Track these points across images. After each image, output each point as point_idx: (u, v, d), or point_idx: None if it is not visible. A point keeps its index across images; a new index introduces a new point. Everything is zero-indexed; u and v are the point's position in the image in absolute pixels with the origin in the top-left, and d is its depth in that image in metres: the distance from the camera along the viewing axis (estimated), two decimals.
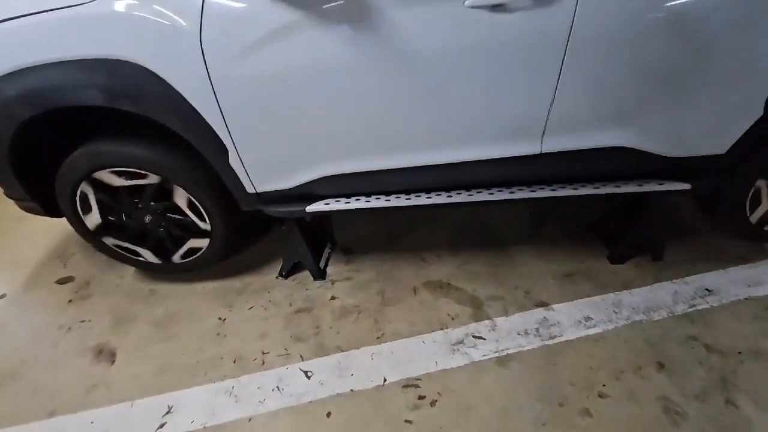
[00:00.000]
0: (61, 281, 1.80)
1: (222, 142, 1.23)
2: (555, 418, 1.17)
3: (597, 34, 1.07)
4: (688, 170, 1.35)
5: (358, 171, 1.34)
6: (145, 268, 1.75)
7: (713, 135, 1.28)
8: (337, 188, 1.39)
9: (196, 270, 1.70)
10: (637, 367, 1.28)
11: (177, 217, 1.50)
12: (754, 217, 1.51)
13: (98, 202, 1.46)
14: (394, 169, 1.33)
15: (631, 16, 1.05)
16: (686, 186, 1.35)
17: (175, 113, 1.17)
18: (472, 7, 1.02)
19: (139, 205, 1.48)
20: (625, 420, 1.15)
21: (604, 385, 1.23)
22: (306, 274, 1.72)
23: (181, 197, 1.42)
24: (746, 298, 1.47)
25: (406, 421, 1.19)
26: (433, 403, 1.23)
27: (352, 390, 1.28)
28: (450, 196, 1.38)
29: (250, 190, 1.37)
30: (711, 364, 1.27)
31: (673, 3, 1.04)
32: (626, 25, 1.06)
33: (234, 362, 1.40)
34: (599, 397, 1.21)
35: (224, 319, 1.56)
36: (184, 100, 1.14)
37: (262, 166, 1.31)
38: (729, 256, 1.65)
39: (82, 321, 1.60)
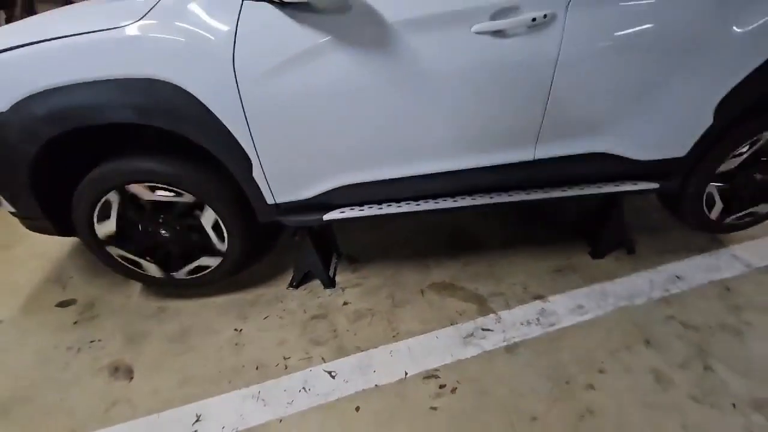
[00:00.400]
0: (63, 304, 1.77)
1: (247, 155, 1.32)
2: (564, 394, 1.30)
3: (581, 55, 1.27)
4: (656, 171, 1.57)
5: (372, 180, 1.46)
6: (147, 283, 1.75)
7: (674, 140, 1.50)
8: (352, 197, 1.50)
9: (203, 286, 1.73)
10: (627, 345, 1.44)
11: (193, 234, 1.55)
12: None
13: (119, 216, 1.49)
14: (406, 177, 1.46)
15: (607, 42, 1.26)
16: (655, 185, 1.57)
17: (204, 128, 1.25)
18: (478, 33, 1.20)
19: (161, 220, 1.52)
20: (624, 390, 1.29)
21: (602, 362, 1.38)
22: (316, 284, 1.79)
23: (208, 218, 1.48)
24: (709, 282, 1.69)
25: (431, 408, 1.28)
26: (453, 391, 1.33)
27: (376, 385, 1.36)
28: (455, 201, 1.52)
29: (270, 201, 1.45)
30: (689, 338, 1.46)
31: (630, 31, 1.26)
32: (603, 49, 1.26)
33: (256, 369, 1.44)
34: (599, 372, 1.35)
35: (240, 330, 1.60)
36: (213, 115, 1.22)
37: (283, 178, 1.40)
38: (690, 246, 1.88)
39: (92, 341, 1.58)
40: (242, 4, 1.16)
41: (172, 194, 1.43)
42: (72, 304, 1.77)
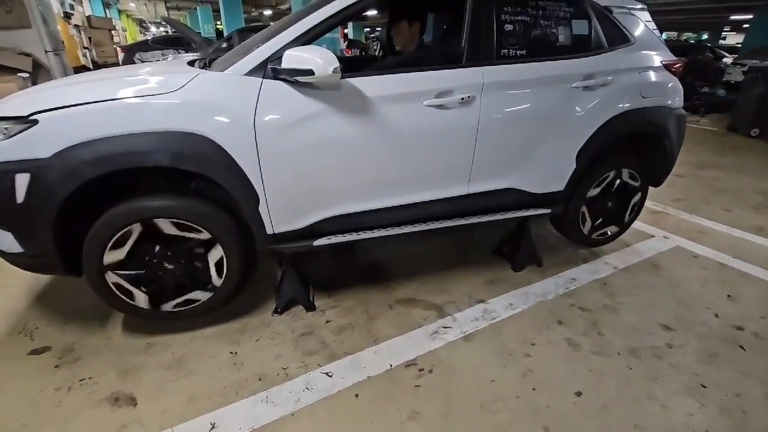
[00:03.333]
0: (36, 352, 1.75)
1: (257, 193, 1.64)
2: (510, 362, 1.72)
3: (491, 123, 1.89)
4: (547, 201, 2.22)
5: (353, 212, 1.85)
6: (131, 315, 1.81)
7: (555, 178, 2.19)
8: (336, 226, 1.85)
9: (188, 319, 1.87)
10: (547, 326, 1.95)
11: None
12: (585, 228, 2.47)
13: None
14: (379, 209, 1.88)
15: (506, 114, 1.91)
16: (548, 210, 2.22)
17: (226, 172, 1.55)
18: (427, 106, 1.75)
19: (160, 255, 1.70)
20: (549, 354, 1.77)
21: (532, 338, 1.86)
22: (297, 309, 2.04)
23: (215, 255, 1.71)
24: (593, 280, 2.34)
25: (416, 386, 1.60)
26: (430, 371, 1.67)
27: (368, 377, 1.64)
28: (415, 227, 1.98)
29: (269, 231, 1.75)
30: (585, 317, 2.02)
31: (518, 108, 1.94)
32: (504, 119, 1.91)
33: (259, 380, 1.62)
34: (531, 345, 1.82)
35: (236, 353, 1.76)
36: (235, 162, 1.55)
37: (283, 212, 1.73)
38: (578, 259, 2.56)
39: (82, 380, 1.61)
40: (262, 81, 1.57)
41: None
42: (47, 351, 1.75)
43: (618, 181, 2.41)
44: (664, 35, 21.99)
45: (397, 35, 2.20)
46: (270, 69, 1.58)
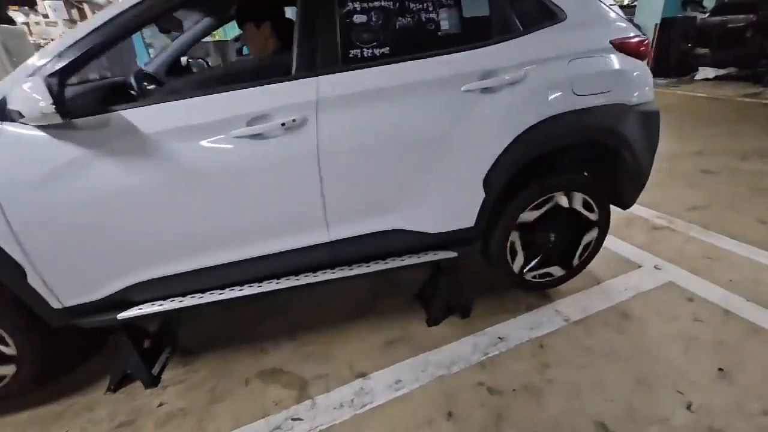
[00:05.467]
0: None
1: (18, 263, 1.31)
2: None
3: (341, 148, 1.42)
4: (453, 241, 1.69)
5: (169, 274, 1.47)
6: None
7: (459, 213, 1.65)
8: (153, 292, 1.49)
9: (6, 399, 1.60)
10: (430, 420, 1.43)
11: None
12: (516, 266, 1.88)
13: None
14: (205, 268, 1.48)
15: (363, 137, 1.43)
16: (453, 254, 1.69)
17: None
18: (237, 137, 1.32)
19: None
20: None
21: None
22: (139, 384, 1.69)
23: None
24: (528, 340, 1.76)
25: None
26: None
27: None
28: (261, 286, 1.55)
29: (56, 305, 1.41)
30: (491, 404, 1.48)
31: (382, 128, 1.44)
32: (362, 143, 1.43)
33: None
34: None
35: None
36: None
37: (65, 282, 1.38)
38: (520, 305, 1.98)
39: None
40: (2, 127, 1.22)
41: None
42: None
43: (560, 210, 1.80)
44: None
45: (247, 41, 1.77)
46: (9, 110, 1.24)
